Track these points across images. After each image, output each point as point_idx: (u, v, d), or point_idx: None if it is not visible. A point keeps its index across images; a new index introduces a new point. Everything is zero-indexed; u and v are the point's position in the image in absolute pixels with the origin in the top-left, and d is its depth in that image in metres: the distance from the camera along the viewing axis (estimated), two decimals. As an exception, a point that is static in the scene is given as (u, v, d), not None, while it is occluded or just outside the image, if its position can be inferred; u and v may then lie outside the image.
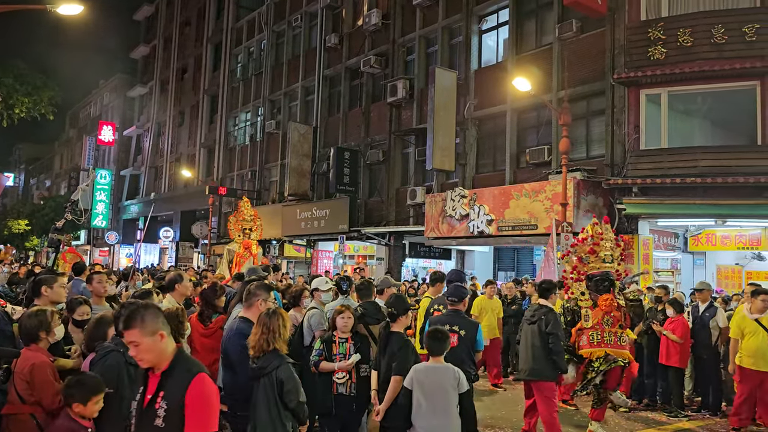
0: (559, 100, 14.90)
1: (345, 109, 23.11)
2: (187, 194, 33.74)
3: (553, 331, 6.47)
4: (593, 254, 7.14)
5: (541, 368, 6.55)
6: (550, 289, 6.91)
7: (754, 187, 12.65)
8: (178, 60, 38.14)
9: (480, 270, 18.98)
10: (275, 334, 4.12)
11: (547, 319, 6.54)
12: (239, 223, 12.82)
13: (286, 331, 4.21)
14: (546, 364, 6.52)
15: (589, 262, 7.13)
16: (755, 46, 12.91)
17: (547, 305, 6.74)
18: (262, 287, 4.83)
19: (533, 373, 6.63)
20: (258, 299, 4.70)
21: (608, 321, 6.90)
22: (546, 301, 6.82)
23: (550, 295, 6.87)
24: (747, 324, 7.47)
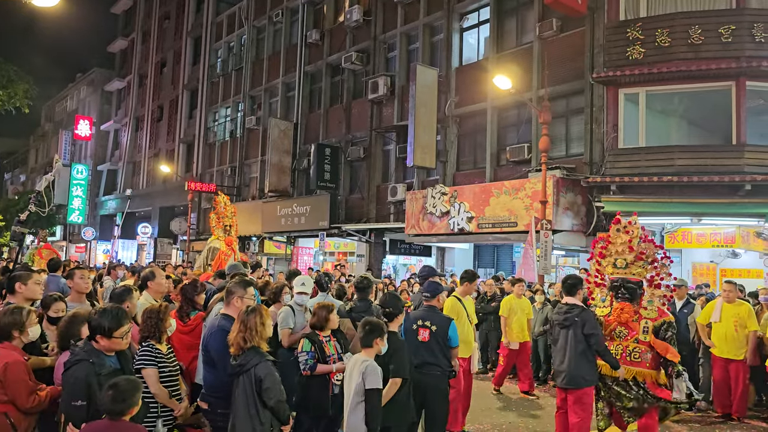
0: (539, 98, 15.01)
1: (326, 106, 23.04)
2: (165, 190, 33.41)
3: (592, 331, 5.86)
4: (602, 258, 6.37)
5: (583, 374, 5.92)
6: (576, 285, 6.22)
7: (728, 186, 12.86)
8: (157, 54, 37.70)
9: (460, 267, 19.04)
10: (253, 331, 4.10)
11: (583, 319, 5.91)
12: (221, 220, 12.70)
13: (265, 328, 4.17)
14: (588, 369, 5.93)
15: (604, 266, 6.34)
16: (731, 47, 13.12)
17: (577, 303, 6.10)
18: (239, 284, 4.80)
19: (573, 381, 5.95)
20: (234, 297, 4.68)
21: (621, 333, 6.03)
22: (574, 298, 6.15)
23: (578, 291, 6.20)
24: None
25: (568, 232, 14.02)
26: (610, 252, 6.29)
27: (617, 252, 6.19)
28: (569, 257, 16.62)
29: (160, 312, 4.52)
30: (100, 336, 3.78)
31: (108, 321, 3.79)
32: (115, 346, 3.83)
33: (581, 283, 6.27)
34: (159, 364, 4.41)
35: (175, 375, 4.58)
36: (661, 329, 5.89)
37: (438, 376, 5.62)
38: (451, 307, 6.65)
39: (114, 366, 3.79)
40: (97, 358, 3.74)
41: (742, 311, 8.22)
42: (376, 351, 4.56)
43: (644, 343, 5.84)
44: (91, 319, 3.84)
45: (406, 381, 4.83)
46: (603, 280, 6.35)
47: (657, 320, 5.90)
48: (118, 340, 3.81)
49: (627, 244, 6.21)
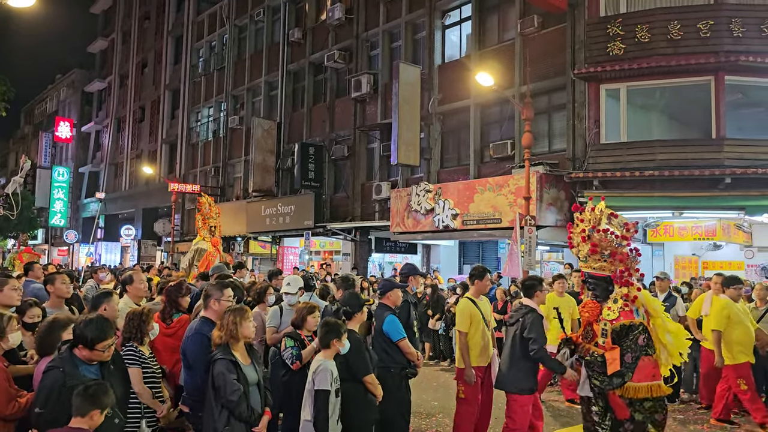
0: (521, 95, 15.06)
1: (309, 105, 22.97)
2: (148, 191, 33.14)
3: (531, 336, 5.51)
4: (571, 248, 5.51)
5: (514, 380, 5.65)
6: (533, 287, 5.87)
7: (709, 180, 13.00)
8: (138, 54, 37.36)
9: (445, 264, 19.10)
10: (226, 329, 4.20)
11: (525, 322, 5.60)
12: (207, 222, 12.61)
13: (240, 327, 4.23)
14: (520, 376, 5.64)
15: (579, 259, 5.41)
16: (709, 42, 13.25)
17: (530, 305, 5.75)
18: (215, 287, 4.81)
19: (506, 383, 5.71)
20: (211, 300, 4.70)
21: (588, 334, 5.22)
22: (530, 300, 5.80)
23: (535, 293, 5.84)
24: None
25: (552, 227, 14.09)
26: (573, 243, 5.46)
27: (577, 243, 5.36)
28: (553, 252, 16.73)
29: (142, 315, 4.53)
30: (82, 346, 3.72)
31: (91, 332, 3.71)
32: (97, 357, 3.76)
33: (539, 285, 5.91)
34: (142, 364, 4.43)
35: (157, 378, 4.59)
36: (622, 336, 4.93)
37: (382, 371, 5.45)
38: (463, 310, 6.12)
39: (92, 376, 3.69)
40: (72, 367, 3.66)
41: (733, 303, 8.28)
42: (335, 351, 4.57)
43: (602, 347, 4.96)
44: (76, 327, 3.78)
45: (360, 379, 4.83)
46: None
47: (616, 322, 4.95)
48: (99, 352, 3.74)
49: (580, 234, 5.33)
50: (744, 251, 15.89)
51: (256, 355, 4.54)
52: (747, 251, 15.82)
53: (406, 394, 5.69)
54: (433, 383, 10.11)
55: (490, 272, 6.60)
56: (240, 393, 4.07)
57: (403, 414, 5.67)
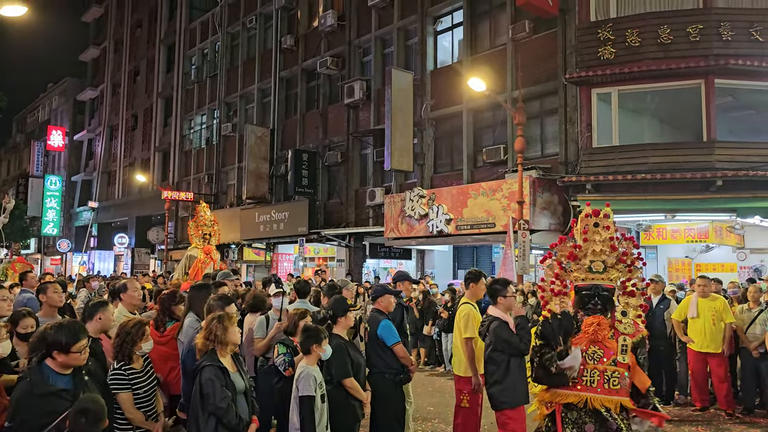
0: (513, 99, 15.12)
1: (302, 111, 22.98)
2: (141, 199, 33.04)
3: (493, 345, 5.23)
4: (573, 259, 4.75)
5: (501, 393, 5.28)
6: (496, 292, 5.47)
7: (701, 182, 13.07)
8: (130, 62, 37.30)
9: (440, 269, 19.12)
10: (211, 335, 4.17)
11: (489, 335, 5.29)
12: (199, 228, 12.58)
13: (226, 334, 4.20)
14: (511, 387, 5.26)
15: (570, 270, 4.77)
16: (699, 46, 13.35)
17: (494, 315, 5.40)
18: (217, 302, 4.84)
19: (493, 400, 5.36)
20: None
21: (595, 354, 4.49)
22: (494, 308, 5.45)
23: (498, 299, 5.45)
24: None
25: (546, 231, 14.13)
26: (584, 252, 4.76)
27: (595, 252, 4.72)
28: (548, 256, 16.74)
29: (129, 333, 4.34)
30: (57, 352, 3.58)
31: (65, 335, 3.59)
32: (74, 362, 3.64)
33: (504, 290, 5.48)
34: (133, 385, 4.29)
35: (151, 392, 4.47)
36: (639, 348, 4.58)
37: (377, 377, 5.47)
38: (467, 316, 5.87)
39: (63, 386, 3.57)
40: (38, 375, 3.54)
41: (718, 305, 8.36)
42: (316, 357, 4.57)
43: (623, 365, 4.44)
44: (47, 335, 3.63)
45: (340, 382, 4.83)
46: (564, 287, 4.79)
47: (635, 336, 4.55)
48: (76, 355, 3.62)
49: (608, 242, 4.76)
50: (736, 253, 15.96)
51: (243, 362, 4.52)
52: (739, 253, 15.89)
53: (400, 399, 5.68)
54: (428, 388, 10.10)
55: (486, 276, 6.55)
56: (229, 400, 4.04)
57: (398, 419, 5.66)
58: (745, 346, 8.34)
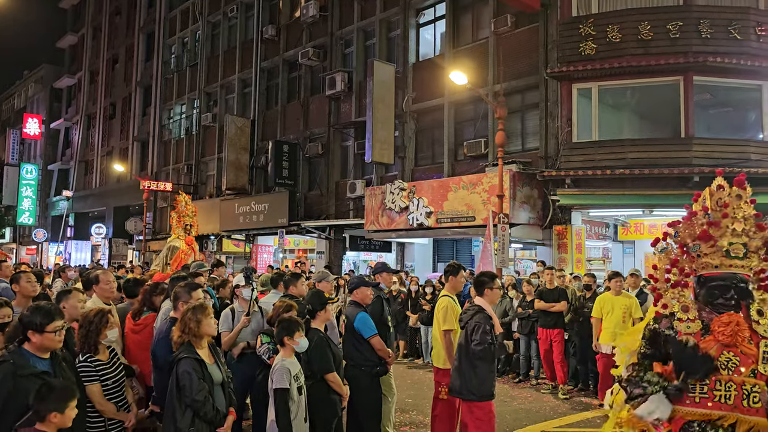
0: (494, 93, 15.16)
1: (283, 102, 22.83)
2: (119, 189, 32.65)
3: (475, 338, 5.07)
4: (707, 240, 3.69)
5: (468, 385, 5.16)
6: (483, 283, 5.40)
7: (678, 178, 13.23)
8: (109, 50, 36.74)
9: (420, 262, 19.15)
10: (186, 327, 4.14)
11: (471, 323, 5.17)
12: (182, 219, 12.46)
13: (200, 326, 4.16)
14: (474, 381, 5.13)
15: (700, 255, 3.71)
16: (678, 43, 13.48)
17: (478, 304, 5.30)
18: (184, 289, 4.80)
19: (462, 390, 5.19)
20: (179, 302, 4.70)
21: (730, 362, 3.48)
22: (480, 298, 5.36)
23: (485, 290, 5.39)
24: None
25: (525, 225, 14.21)
26: (723, 232, 3.72)
27: (735, 232, 3.68)
28: (526, 250, 16.87)
29: (92, 322, 4.27)
30: (32, 332, 3.58)
31: (40, 316, 3.59)
32: (48, 343, 3.62)
33: (490, 282, 5.39)
34: (101, 377, 4.22)
35: (120, 383, 4.40)
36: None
37: (354, 370, 5.44)
38: (447, 308, 5.81)
39: (44, 368, 3.57)
40: (21, 358, 3.53)
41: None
42: (291, 349, 4.53)
43: (763, 376, 3.42)
44: (23, 317, 3.65)
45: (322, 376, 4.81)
46: (685, 279, 3.77)
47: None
48: (51, 335, 3.60)
49: (753, 220, 3.72)
50: (712, 248, 16.19)
51: (220, 354, 4.48)
52: (714, 248, 16.11)
53: (378, 392, 5.68)
54: (407, 380, 10.13)
55: (465, 268, 6.55)
56: (206, 393, 4.01)
57: (375, 411, 5.66)
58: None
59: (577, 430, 7.36)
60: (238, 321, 5.82)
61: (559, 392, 9.11)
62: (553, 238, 14.18)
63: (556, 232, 14.14)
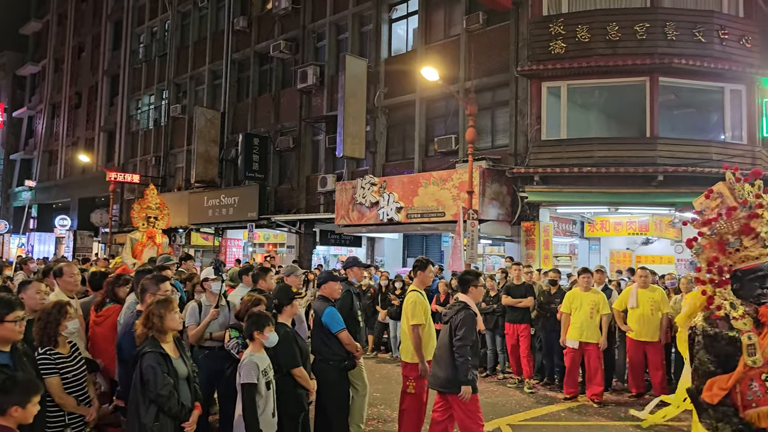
0: (466, 90, 15.26)
1: (254, 95, 22.62)
2: (85, 180, 31.99)
3: (458, 333, 5.24)
4: (749, 233, 3.59)
5: (456, 378, 5.28)
6: (469, 281, 5.57)
7: (643, 177, 13.51)
8: (75, 37, 35.89)
9: (390, 257, 19.22)
10: (150, 322, 4.11)
11: (457, 318, 5.33)
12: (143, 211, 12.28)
13: (163, 321, 4.13)
14: (446, 373, 5.32)
15: (739, 249, 3.61)
16: (645, 45, 13.75)
17: (463, 301, 5.49)
18: (151, 281, 4.77)
19: (447, 384, 5.34)
20: (147, 294, 4.67)
21: None
22: (465, 296, 5.53)
23: (469, 288, 5.54)
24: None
25: (494, 221, 14.36)
26: (762, 222, 3.62)
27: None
28: (495, 246, 17.06)
29: (50, 314, 4.20)
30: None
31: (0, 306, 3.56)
32: (9, 333, 3.57)
33: (475, 281, 5.57)
34: (61, 370, 4.17)
35: (81, 377, 4.35)
36: None
37: (321, 364, 5.45)
38: (415, 303, 5.85)
39: (3, 362, 3.52)
40: None
41: (657, 296, 8.70)
42: (260, 344, 4.52)
43: None
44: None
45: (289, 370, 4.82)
46: (723, 276, 3.65)
47: None
48: (11, 325, 3.56)
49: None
50: (674, 246, 16.62)
51: (185, 348, 4.45)
52: (677, 246, 16.55)
53: (345, 386, 5.70)
54: (375, 375, 10.17)
55: (433, 264, 6.61)
56: (170, 387, 3.97)
57: (343, 406, 5.68)
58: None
59: (542, 423, 7.49)
60: (206, 314, 5.78)
61: (525, 386, 9.25)
62: (522, 235, 14.37)
63: (525, 229, 14.32)
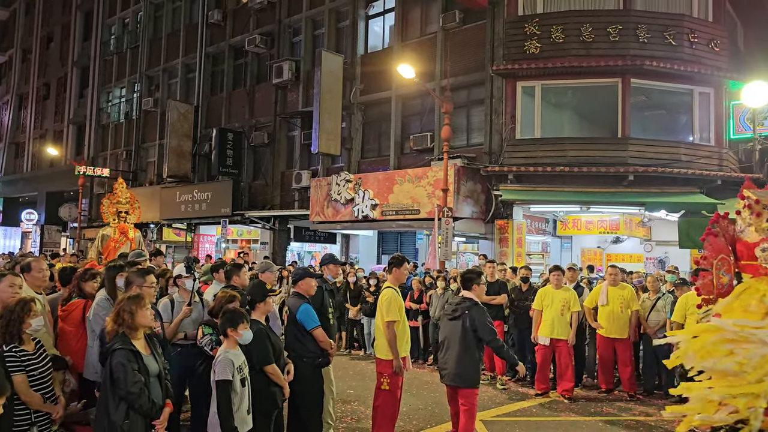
0: (441, 88, 15.32)
1: (229, 89, 22.38)
2: (53, 174, 31.31)
3: (479, 327, 5.67)
4: None
5: (467, 373, 5.71)
6: (472, 279, 5.94)
7: (614, 177, 13.73)
8: (43, 27, 35.07)
9: (364, 254, 19.21)
10: (119, 318, 4.06)
11: (472, 316, 5.68)
12: (113, 206, 12.08)
13: (136, 316, 4.08)
14: (472, 369, 5.73)
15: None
16: (618, 46, 13.96)
17: (470, 297, 5.84)
18: (136, 273, 4.71)
19: (462, 379, 5.73)
20: (133, 286, 4.63)
21: None
22: (469, 292, 5.89)
23: (473, 286, 5.92)
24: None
25: (469, 219, 14.46)
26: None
27: None
28: (469, 244, 17.17)
29: (14, 311, 4.12)
30: None
31: None
32: None
33: (478, 278, 5.97)
34: (27, 367, 4.09)
35: (47, 375, 4.28)
36: None
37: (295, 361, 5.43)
38: (390, 299, 5.91)
39: None
40: None
41: (626, 293, 8.85)
42: (234, 341, 4.49)
43: None
44: None
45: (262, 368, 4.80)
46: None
47: None
48: None
49: None
50: (643, 245, 16.95)
51: (157, 345, 4.38)
52: (646, 245, 16.88)
53: (319, 383, 5.69)
54: (349, 372, 10.17)
55: (408, 261, 6.64)
56: (141, 385, 3.92)
57: (317, 403, 5.67)
58: (647, 333, 8.89)
59: (514, 419, 7.57)
60: (178, 311, 5.71)
61: (498, 383, 9.34)
62: (495, 233, 14.49)
63: (498, 227, 14.44)
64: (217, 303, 5.20)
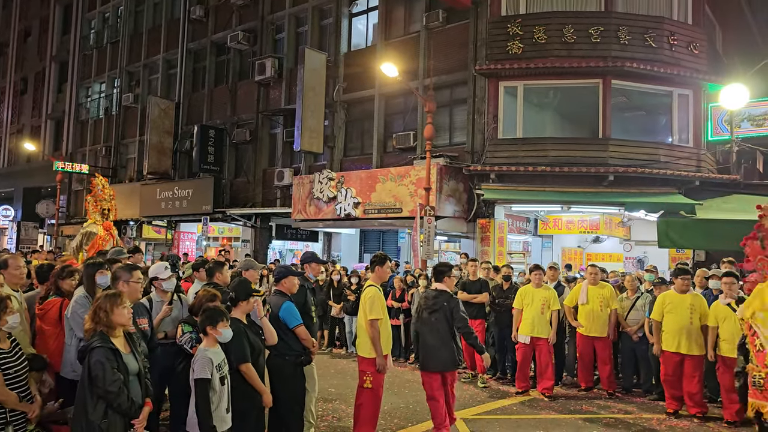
0: (424, 87, 15.35)
1: (210, 86, 22.21)
2: (30, 169, 30.86)
3: (457, 316, 6.08)
4: None
5: (452, 357, 6.16)
6: (443, 272, 6.29)
7: (594, 177, 13.86)
8: (21, 21, 34.54)
9: (346, 252, 19.19)
10: (96, 317, 4.02)
11: (450, 306, 6.09)
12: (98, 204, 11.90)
13: (112, 315, 4.03)
14: (455, 352, 6.17)
15: None
16: (599, 47, 14.09)
17: (444, 290, 6.21)
18: (123, 269, 4.69)
19: (447, 363, 6.15)
20: (119, 282, 4.61)
21: None
22: (441, 284, 6.24)
23: (444, 278, 6.27)
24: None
25: (451, 218, 14.50)
26: None
27: None
28: (451, 242, 17.22)
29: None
30: None
31: None
32: None
33: (449, 271, 6.33)
34: (2, 366, 4.04)
35: (23, 373, 4.22)
36: None
37: (277, 359, 5.43)
38: (374, 297, 5.99)
39: None
40: None
41: (606, 292, 8.94)
42: (213, 339, 4.45)
43: None
44: None
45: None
46: None
47: None
48: None
49: None
50: (623, 244, 17.13)
51: (137, 343, 4.33)
52: (625, 245, 17.06)
53: (301, 382, 5.67)
54: (330, 370, 10.16)
55: (391, 259, 6.66)
56: (120, 383, 3.88)
57: (299, 401, 5.65)
58: (625, 331, 8.99)
59: (495, 417, 7.61)
60: (157, 311, 5.64)
61: (479, 381, 9.39)
62: (477, 232, 14.56)
63: (480, 226, 14.51)
64: (198, 301, 5.14)
